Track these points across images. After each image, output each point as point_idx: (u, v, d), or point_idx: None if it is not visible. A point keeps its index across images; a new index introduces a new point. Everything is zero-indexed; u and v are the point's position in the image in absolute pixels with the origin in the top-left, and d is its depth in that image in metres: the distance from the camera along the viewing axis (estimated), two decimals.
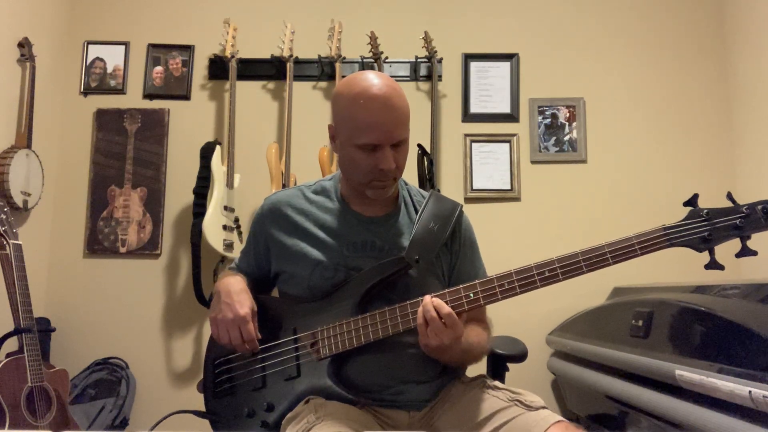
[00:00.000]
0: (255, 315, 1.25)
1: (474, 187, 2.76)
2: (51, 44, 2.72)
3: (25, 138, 2.45)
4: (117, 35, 2.88)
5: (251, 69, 2.80)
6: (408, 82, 2.82)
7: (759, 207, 1.05)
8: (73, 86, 2.84)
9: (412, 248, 1.23)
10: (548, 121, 2.81)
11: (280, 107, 2.83)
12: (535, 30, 2.88)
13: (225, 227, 2.52)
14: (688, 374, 1.45)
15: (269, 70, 2.81)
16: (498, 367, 1.47)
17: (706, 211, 1.08)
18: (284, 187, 2.28)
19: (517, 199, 2.76)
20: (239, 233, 2.58)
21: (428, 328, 1.11)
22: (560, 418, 1.08)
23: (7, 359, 1.91)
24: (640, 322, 1.80)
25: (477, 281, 1.15)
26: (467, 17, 2.89)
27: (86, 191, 2.76)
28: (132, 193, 2.75)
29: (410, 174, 2.51)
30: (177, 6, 2.91)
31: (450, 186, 2.74)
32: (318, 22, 2.81)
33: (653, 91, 2.82)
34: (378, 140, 1.18)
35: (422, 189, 1.51)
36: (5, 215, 2.03)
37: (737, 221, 1.06)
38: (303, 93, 2.81)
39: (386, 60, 2.76)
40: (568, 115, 2.81)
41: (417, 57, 2.79)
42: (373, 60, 2.73)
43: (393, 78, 1.25)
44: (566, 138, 2.80)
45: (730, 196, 1.09)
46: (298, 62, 2.75)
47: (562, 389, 2.54)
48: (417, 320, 1.13)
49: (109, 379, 2.55)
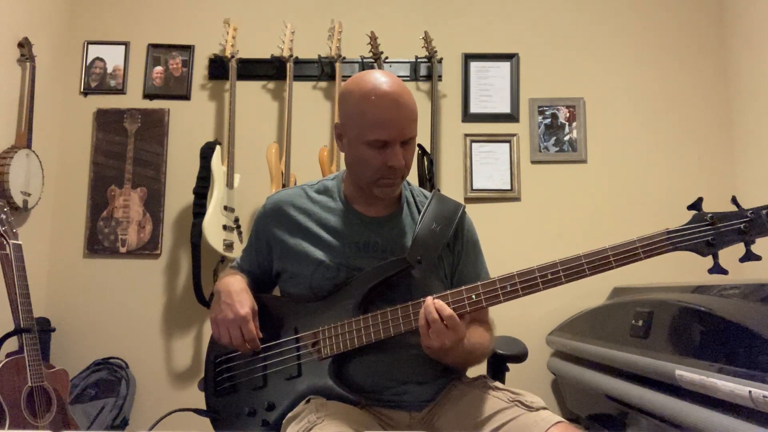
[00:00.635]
0: (256, 314, 1.25)
1: (474, 187, 2.76)
2: (51, 44, 2.72)
3: (25, 138, 2.44)
4: (117, 35, 2.87)
5: (251, 69, 2.80)
6: (408, 82, 2.81)
7: (764, 212, 1.04)
8: (73, 86, 2.84)
9: (415, 249, 1.23)
10: (548, 121, 2.81)
11: (280, 107, 2.83)
12: (535, 30, 2.88)
13: (225, 227, 2.52)
14: (688, 374, 1.45)
15: (269, 70, 2.81)
16: (498, 367, 1.47)
17: (710, 216, 1.07)
18: (284, 187, 2.27)
19: (517, 199, 2.77)
20: (239, 233, 2.58)
21: (430, 330, 1.10)
22: (560, 419, 1.08)
23: (7, 359, 1.91)
24: (640, 322, 1.80)
25: (479, 282, 1.15)
26: (467, 17, 2.89)
27: (86, 191, 2.76)
28: (132, 193, 2.75)
29: (410, 174, 2.49)
30: (177, 6, 2.91)
31: (450, 186, 2.74)
32: (318, 22, 2.80)
33: (653, 91, 2.82)
34: (388, 137, 1.18)
35: (423, 189, 1.51)
36: (5, 215, 2.03)
37: (741, 226, 1.05)
38: (303, 93, 2.81)
39: (386, 60, 2.76)
40: (568, 115, 2.81)
41: (417, 57, 2.79)
42: (373, 60, 2.72)
43: None
44: (566, 138, 2.81)
45: (735, 200, 1.08)
46: (298, 62, 2.75)
47: (562, 389, 2.54)
48: (418, 321, 1.12)
49: (109, 379, 2.55)
